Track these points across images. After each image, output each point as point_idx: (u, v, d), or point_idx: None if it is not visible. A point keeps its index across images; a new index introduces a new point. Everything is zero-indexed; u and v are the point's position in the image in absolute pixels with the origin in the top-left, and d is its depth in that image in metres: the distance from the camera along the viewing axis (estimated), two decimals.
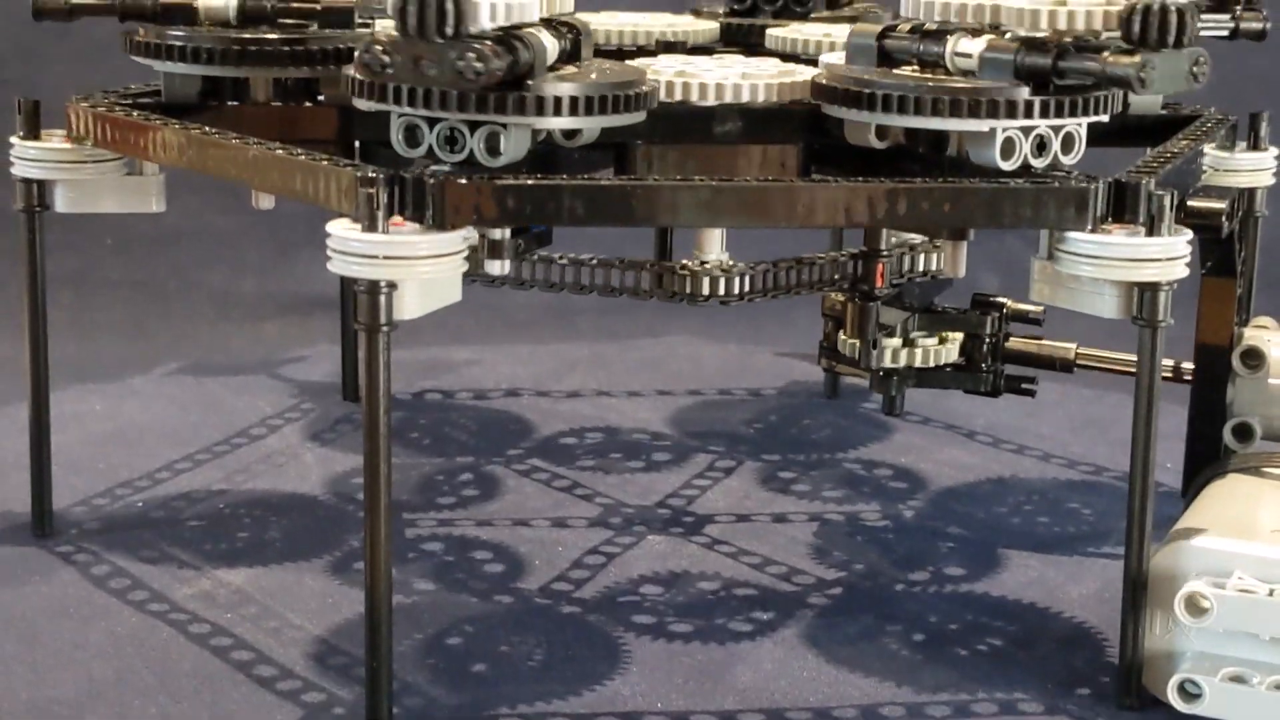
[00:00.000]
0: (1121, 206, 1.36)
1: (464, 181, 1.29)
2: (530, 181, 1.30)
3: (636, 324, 2.29)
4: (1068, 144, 1.41)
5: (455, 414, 1.98)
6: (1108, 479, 1.83)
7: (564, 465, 1.83)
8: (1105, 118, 1.40)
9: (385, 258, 1.27)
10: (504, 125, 1.33)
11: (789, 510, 1.73)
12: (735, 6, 1.78)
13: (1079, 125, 1.40)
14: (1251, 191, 1.69)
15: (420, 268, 1.28)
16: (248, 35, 1.55)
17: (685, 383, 2.10)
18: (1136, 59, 1.32)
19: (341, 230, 1.28)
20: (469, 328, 2.21)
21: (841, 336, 1.63)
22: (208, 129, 1.46)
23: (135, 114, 1.53)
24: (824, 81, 1.42)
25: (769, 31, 1.69)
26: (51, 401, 1.64)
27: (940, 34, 1.40)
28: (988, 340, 1.65)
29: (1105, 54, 1.34)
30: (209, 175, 1.45)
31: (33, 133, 1.58)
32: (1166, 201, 1.33)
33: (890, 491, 1.79)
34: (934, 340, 1.63)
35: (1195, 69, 1.36)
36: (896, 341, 1.61)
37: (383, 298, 1.27)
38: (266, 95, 1.59)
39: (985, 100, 1.35)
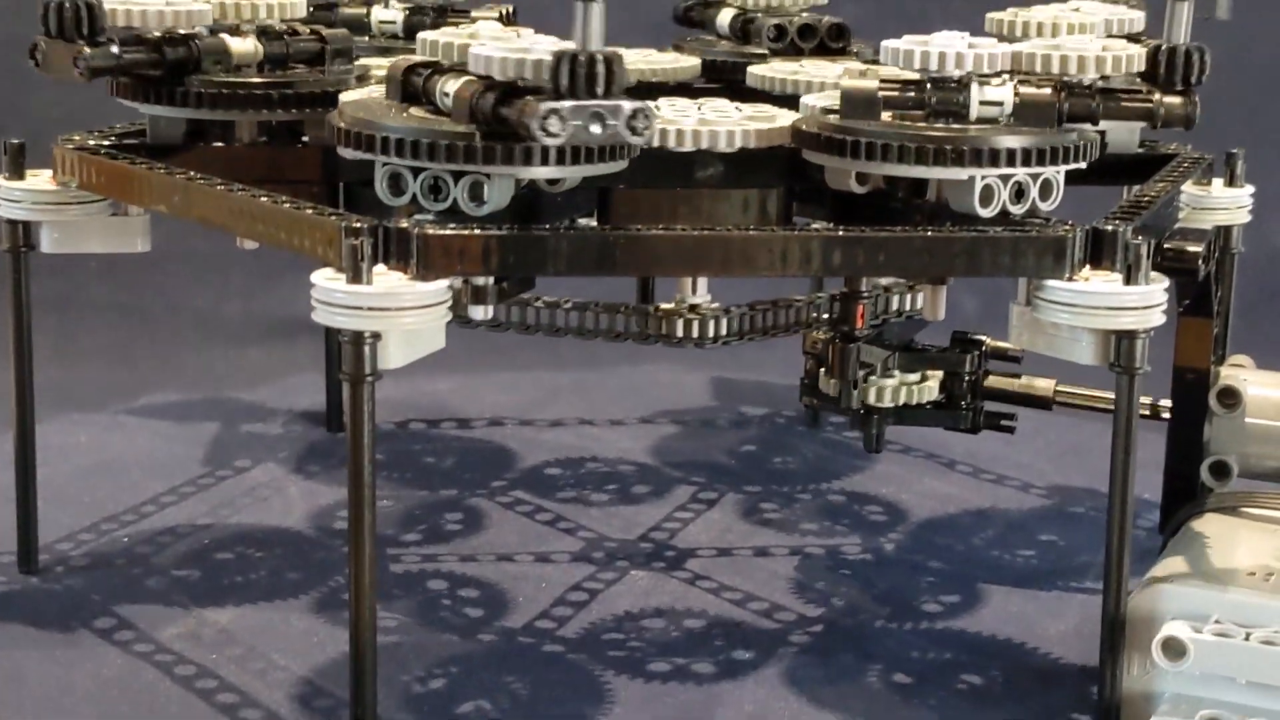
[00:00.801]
0: (1099, 254, 1.37)
1: (447, 233, 1.30)
2: (513, 233, 1.32)
3: (619, 350, 2.29)
4: (1046, 190, 1.42)
5: (439, 444, 1.99)
6: (1086, 509, 1.85)
7: (547, 498, 1.85)
8: (1083, 164, 1.42)
9: (369, 309, 1.28)
10: (487, 175, 1.34)
11: (770, 544, 1.75)
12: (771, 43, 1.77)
13: (1057, 172, 1.41)
14: (1228, 229, 1.71)
15: (404, 319, 1.29)
16: (232, 78, 1.56)
17: (667, 410, 2.12)
18: (1183, 100, 1.35)
19: (326, 281, 1.29)
20: (452, 353, 2.21)
21: (822, 374, 1.65)
22: (193, 174, 1.46)
23: (121, 157, 1.53)
24: (805, 128, 1.43)
25: (750, 70, 1.70)
26: (37, 433, 1.64)
27: (957, 82, 1.41)
28: (967, 378, 1.67)
29: (1154, 95, 1.43)
30: (194, 221, 1.45)
31: (17, 173, 1.59)
32: (1143, 250, 1.35)
33: (870, 524, 1.80)
34: (914, 378, 1.64)
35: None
36: (877, 380, 1.62)
37: (367, 348, 1.28)
38: (252, 136, 1.60)
39: (964, 149, 1.36)
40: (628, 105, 1.26)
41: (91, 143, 1.59)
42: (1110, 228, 1.37)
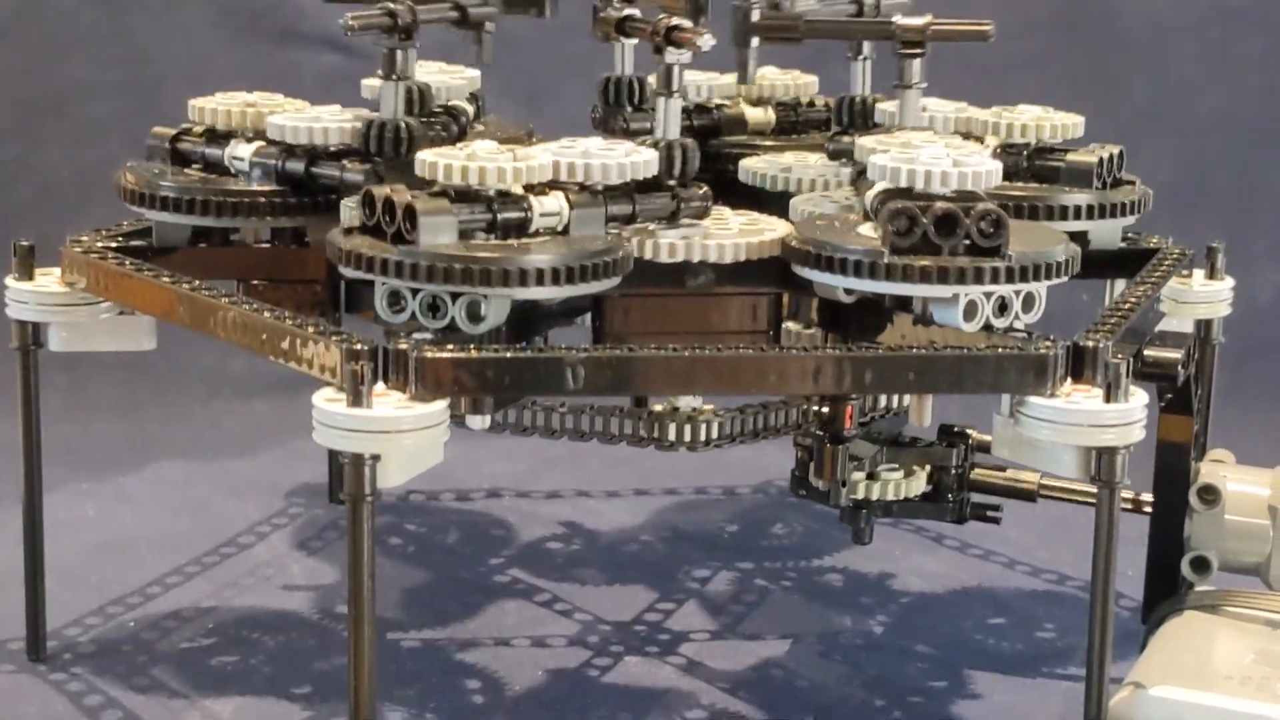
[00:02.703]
0: (1080, 370, 1.41)
1: (444, 355, 1.34)
2: (507, 356, 1.35)
3: None
4: (1028, 303, 1.46)
5: (438, 518, 2.03)
6: (1071, 589, 1.89)
7: (544, 576, 1.89)
8: (1066, 278, 1.45)
9: (370, 432, 1.31)
10: (484, 294, 1.38)
11: (762, 628, 1.79)
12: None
13: (1040, 286, 1.45)
14: (1209, 321, 1.75)
15: (404, 440, 1.33)
16: (235, 187, 1.60)
17: (662, 480, 2.15)
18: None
19: (326, 404, 1.32)
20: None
21: (812, 468, 1.68)
22: (198, 285, 1.50)
23: (127, 263, 1.57)
24: (793, 243, 1.47)
25: (743, 163, 1.73)
26: (45, 504, 1.68)
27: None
28: (954, 471, 1.70)
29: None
30: (198, 332, 1.49)
31: (26, 274, 1.63)
32: (1123, 369, 1.38)
33: (860, 604, 1.84)
34: (902, 473, 1.68)
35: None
36: (865, 475, 1.66)
37: (367, 469, 1.32)
38: (256, 238, 1.64)
39: (949, 268, 1.40)
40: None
41: (99, 244, 1.62)
42: (1091, 344, 1.41)
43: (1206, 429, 1.74)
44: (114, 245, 1.63)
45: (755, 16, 1.64)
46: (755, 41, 1.66)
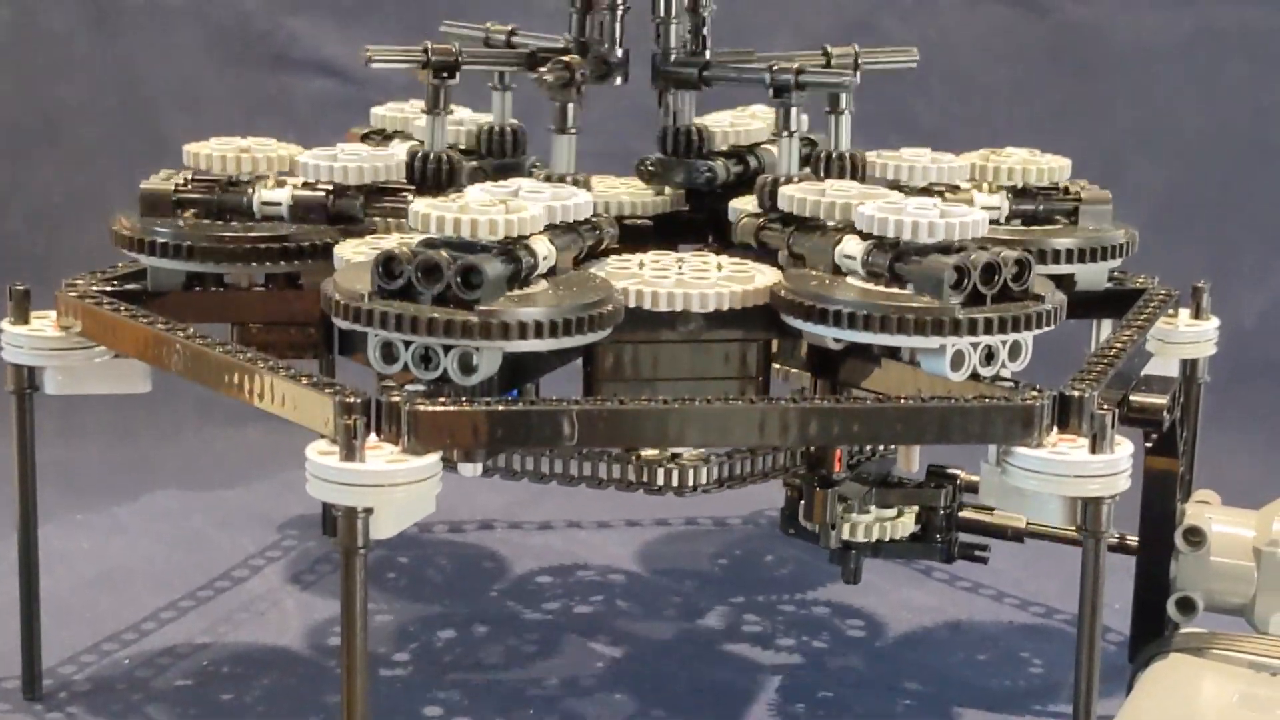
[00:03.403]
0: (1066, 419, 1.43)
1: (436, 410, 1.35)
2: (501, 409, 1.37)
3: None
4: (1015, 351, 1.47)
5: (431, 551, 2.04)
6: (1058, 622, 1.90)
7: (535, 610, 1.90)
8: (1051, 327, 1.47)
9: (363, 485, 1.33)
10: (476, 347, 1.39)
11: (754, 662, 1.80)
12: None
13: (1026, 336, 1.47)
14: (1194, 361, 1.76)
15: (397, 493, 1.34)
16: (229, 233, 1.61)
17: (652, 511, 2.16)
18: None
19: (320, 457, 1.34)
20: None
21: (802, 509, 1.70)
22: (193, 335, 1.51)
23: (122, 309, 1.58)
24: (782, 294, 1.48)
25: (732, 204, 1.74)
26: (40, 536, 1.69)
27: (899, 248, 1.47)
28: (943, 511, 1.72)
29: None
30: (192, 382, 1.51)
31: (22, 318, 1.64)
32: (1108, 420, 1.40)
33: (849, 640, 1.86)
34: (891, 513, 1.69)
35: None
36: (855, 516, 1.68)
37: (360, 521, 1.33)
38: (250, 282, 1.66)
39: (936, 319, 1.42)
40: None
41: (94, 289, 1.63)
42: (1077, 394, 1.42)
43: (1192, 468, 1.76)
44: (109, 289, 1.64)
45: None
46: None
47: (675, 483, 1.58)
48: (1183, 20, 2.66)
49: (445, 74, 1.63)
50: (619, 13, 1.72)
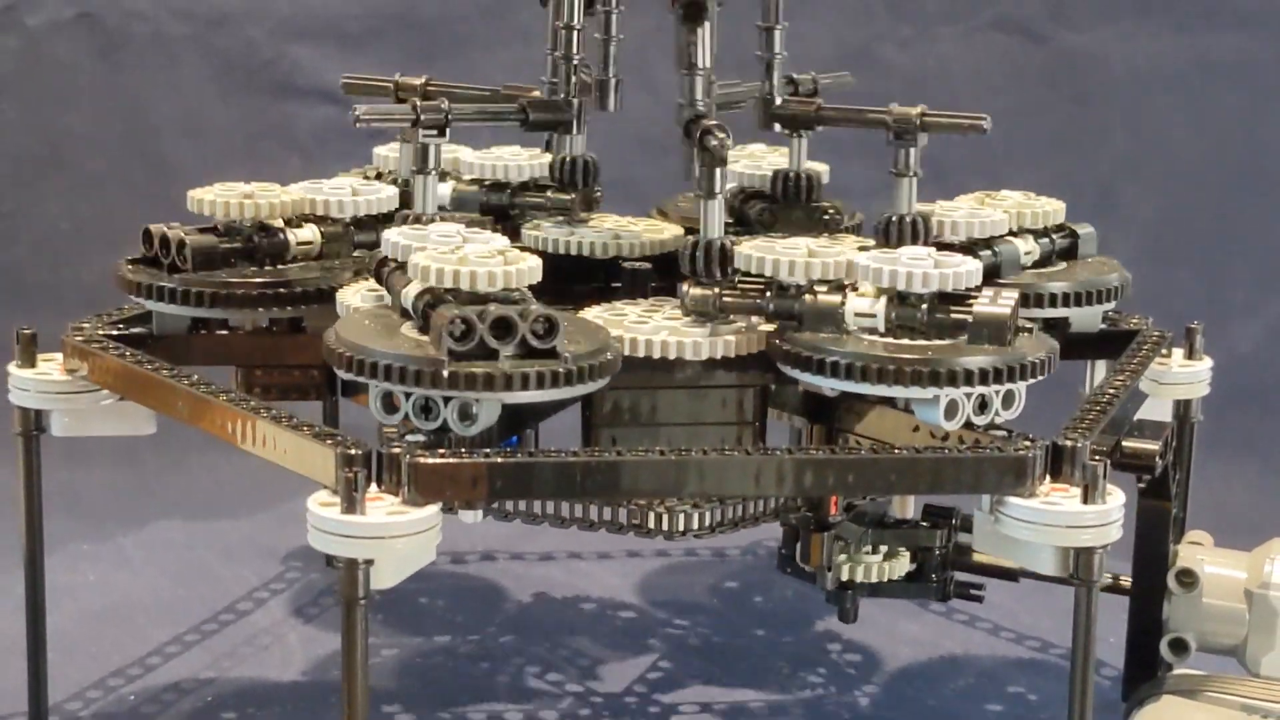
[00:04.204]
0: (1058, 469, 1.45)
1: (436, 461, 1.37)
2: (500, 460, 1.39)
3: None
4: (1008, 400, 1.49)
5: (433, 583, 2.06)
6: (1054, 657, 1.92)
7: (536, 644, 1.92)
8: (1044, 376, 1.49)
9: (364, 538, 1.35)
10: (476, 398, 1.41)
11: (751, 699, 1.82)
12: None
13: (1020, 385, 1.48)
14: (1188, 402, 1.78)
15: (397, 545, 1.36)
16: (233, 279, 1.63)
17: (653, 542, 2.17)
18: None
19: (321, 509, 1.36)
20: None
21: (798, 550, 1.72)
22: (198, 382, 1.53)
23: (126, 353, 1.60)
24: (779, 343, 1.50)
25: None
26: (46, 566, 1.70)
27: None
28: (939, 551, 1.74)
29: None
30: (197, 428, 1.53)
31: (28, 362, 1.66)
32: (1100, 471, 1.42)
33: (846, 675, 1.88)
34: (887, 554, 1.71)
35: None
36: (851, 558, 1.69)
37: (360, 572, 1.35)
38: (254, 325, 1.68)
39: (931, 370, 1.44)
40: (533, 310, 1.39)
41: (100, 333, 1.65)
42: (1069, 443, 1.44)
43: (1185, 509, 1.77)
44: (114, 333, 1.66)
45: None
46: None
47: (666, 527, 1.59)
48: (1180, 50, 2.68)
49: (435, 132, 1.61)
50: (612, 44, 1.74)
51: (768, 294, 1.52)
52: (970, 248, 1.65)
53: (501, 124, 1.73)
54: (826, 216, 1.78)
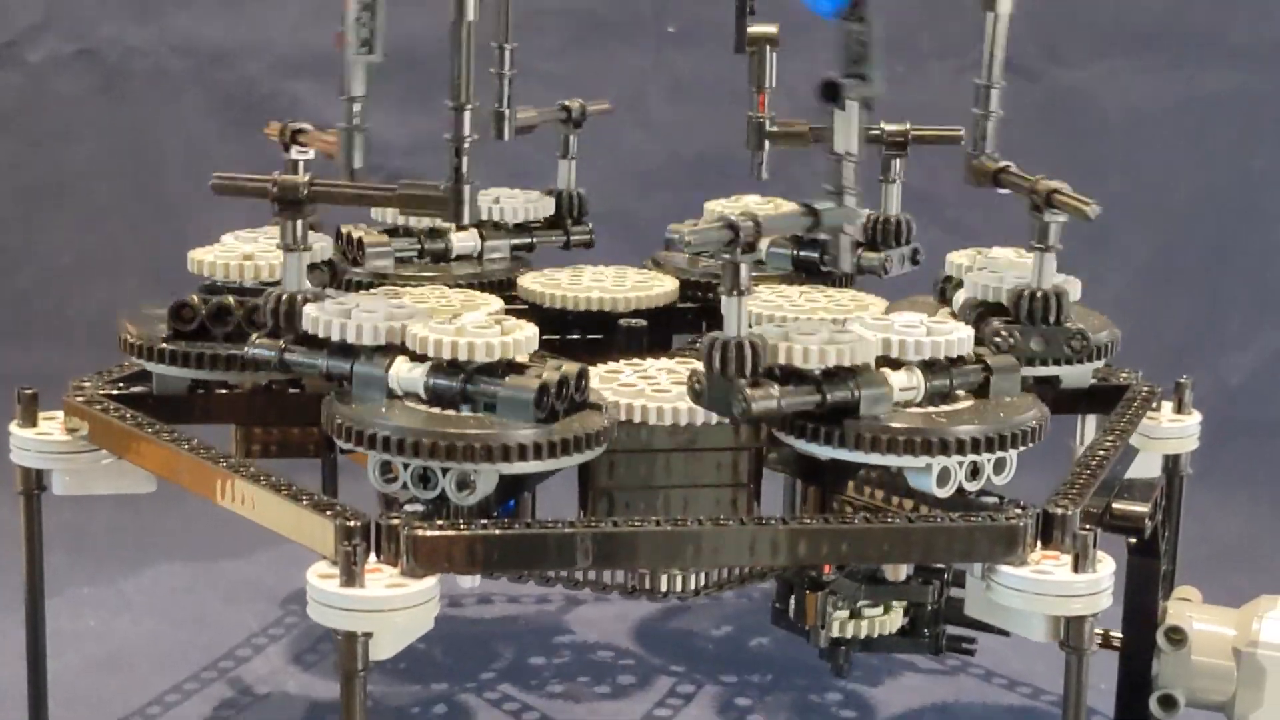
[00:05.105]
0: (1050, 535, 1.46)
1: (434, 534, 1.39)
2: (498, 532, 1.40)
3: None
4: (1000, 466, 1.51)
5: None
6: (1045, 704, 1.94)
7: (533, 692, 1.94)
8: (1034, 443, 1.51)
9: (363, 611, 1.37)
10: (474, 469, 1.43)
11: None
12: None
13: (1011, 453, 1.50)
14: (1177, 456, 1.80)
15: (396, 618, 1.38)
16: (231, 346, 1.65)
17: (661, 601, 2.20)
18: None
19: (320, 581, 1.38)
20: None
21: (793, 604, 1.73)
22: (198, 446, 1.55)
23: (127, 415, 1.62)
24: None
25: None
26: (47, 609, 1.72)
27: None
28: (930, 606, 1.76)
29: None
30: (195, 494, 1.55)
31: (30, 421, 1.68)
32: (1090, 540, 1.44)
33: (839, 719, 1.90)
34: (880, 609, 1.73)
35: (1072, 342, 1.62)
36: (844, 614, 1.71)
37: (359, 645, 1.37)
38: (254, 385, 1.69)
39: (926, 439, 1.45)
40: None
41: (100, 392, 1.67)
42: (1059, 511, 1.46)
43: (1175, 564, 1.79)
44: (115, 393, 1.67)
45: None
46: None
47: (679, 588, 1.61)
48: (1172, 86, 2.70)
49: (292, 210, 1.53)
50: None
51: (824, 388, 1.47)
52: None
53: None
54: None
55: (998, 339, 1.62)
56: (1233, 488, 2.50)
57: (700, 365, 1.45)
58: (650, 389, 1.56)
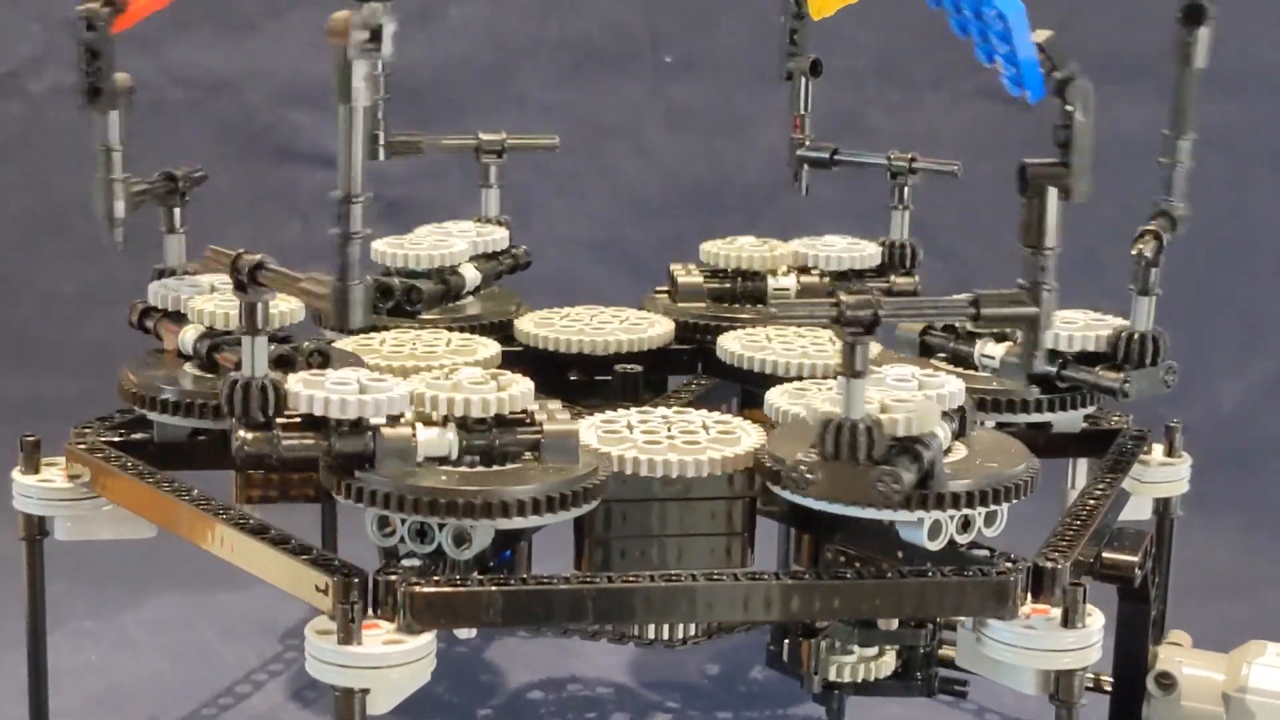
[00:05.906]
0: (1040, 589, 1.48)
1: (430, 590, 1.41)
2: (494, 588, 1.42)
3: None
4: (991, 519, 1.52)
5: None
6: None
7: None
8: (1025, 497, 1.52)
9: (361, 668, 1.38)
10: (471, 525, 1.45)
11: None
12: None
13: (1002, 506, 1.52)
14: (1167, 500, 1.82)
15: (393, 674, 1.40)
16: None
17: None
18: (1120, 375, 1.66)
19: (318, 638, 1.39)
20: None
21: (786, 648, 1.75)
22: (199, 498, 1.57)
23: (128, 464, 1.63)
24: (766, 462, 1.54)
25: (720, 342, 1.80)
26: (49, 643, 1.73)
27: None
28: (923, 649, 1.77)
29: (1097, 368, 1.67)
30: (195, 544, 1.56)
31: (32, 468, 1.70)
32: (1080, 595, 1.45)
33: None
34: (873, 653, 1.75)
35: (1166, 376, 1.69)
36: (837, 658, 1.73)
37: (357, 701, 1.39)
38: None
39: (920, 495, 1.47)
40: None
41: (102, 440, 1.68)
42: (1050, 565, 1.48)
43: (1165, 608, 1.81)
44: (116, 439, 1.69)
45: None
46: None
47: (666, 636, 1.62)
48: (1162, 117, 2.70)
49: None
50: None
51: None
52: None
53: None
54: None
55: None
56: (1224, 513, 2.52)
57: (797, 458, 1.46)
58: (644, 440, 1.57)
